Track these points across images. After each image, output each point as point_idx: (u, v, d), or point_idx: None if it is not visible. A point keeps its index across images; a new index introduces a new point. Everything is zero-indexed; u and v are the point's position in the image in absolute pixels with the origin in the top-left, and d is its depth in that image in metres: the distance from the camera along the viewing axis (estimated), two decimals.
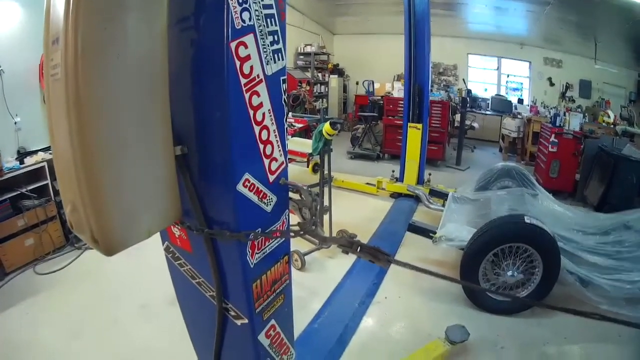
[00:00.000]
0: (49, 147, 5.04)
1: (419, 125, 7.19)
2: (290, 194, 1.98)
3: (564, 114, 9.11)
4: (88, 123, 1.20)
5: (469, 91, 11.88)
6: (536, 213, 4.85)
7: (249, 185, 1.63)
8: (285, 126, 1.80)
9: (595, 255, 4.78)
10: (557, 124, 8.73)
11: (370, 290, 4.59)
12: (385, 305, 4.40)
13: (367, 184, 7.42)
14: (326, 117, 7.41)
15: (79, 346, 3.47)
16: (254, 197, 1.66)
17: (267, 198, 1.73)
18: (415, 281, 4.81)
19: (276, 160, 1.76)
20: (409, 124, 7.26)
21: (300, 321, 3.88)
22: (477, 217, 5.14)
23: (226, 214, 1.62)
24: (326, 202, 5.09)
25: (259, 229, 1.70)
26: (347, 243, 1.76)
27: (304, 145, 6.26)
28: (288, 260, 1.98)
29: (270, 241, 1.79)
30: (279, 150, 1.77)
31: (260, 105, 1.62)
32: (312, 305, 4.19)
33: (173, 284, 2.02)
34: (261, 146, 1.67)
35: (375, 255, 1.75)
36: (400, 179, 7.41)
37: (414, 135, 7.23)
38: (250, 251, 1.68)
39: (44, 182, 5.10)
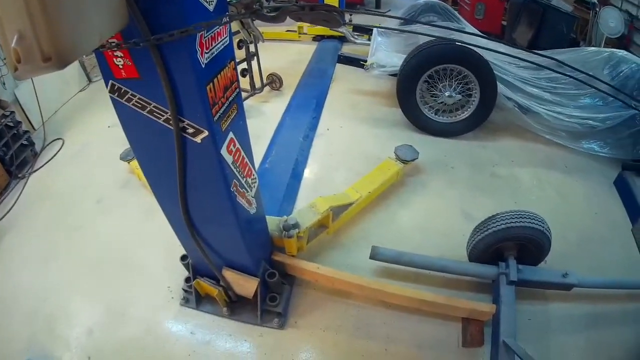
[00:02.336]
0: None
1: None
2: None
3: None
4: None
5: None
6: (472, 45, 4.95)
7: None
8: None
9: (531, 86, 5.00)
10: None
11: (311, 124, 4.61)
12: (329, 136, 4.46)
13: (287, 31, 7.24)
14: None
15: (57, 266, 3.30)
16: None
17: None
18: (354, 112, 4.87)
19: None
20: None
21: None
22: (406, 46, 5.14)
23: (171, 16, 1.46)
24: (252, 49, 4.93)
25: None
26: (298, 7, 1.67)
27: None
28: (235, 66, 1.87)
29: (217, 41, 1.69)
30: None
31: None
32: (258, 149, 4.14)
33: (124, 130, 1.77)
34: None
35: (328, 16, 1.69)
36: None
37: None
38: (200, 49, 1.56)
39: None
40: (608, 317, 3.25)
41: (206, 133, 1.72)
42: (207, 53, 1.61)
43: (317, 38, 7.17)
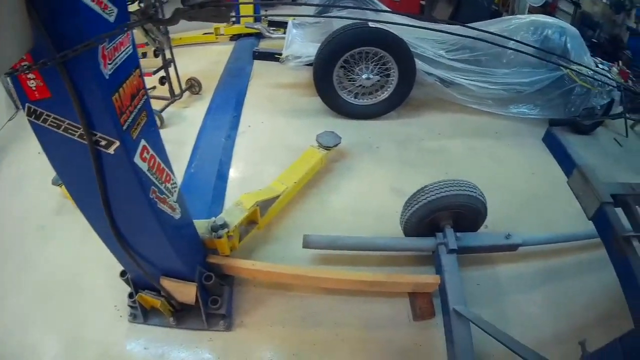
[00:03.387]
0: None
1: None
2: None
3: None
4: None
5: None
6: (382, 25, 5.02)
7: None
8: None
9: (453, 60, 5.11)
10: None
11: (232, 123, 4.65)
12: (251, 133, 4.51)
13: (204, 33, 7.20)
14: None
15: (10, 303, 3.16)
16: (96, 7, 1.54)
17: (109, 9, 1.61)
18: (274, 105, 4.94)
19: None
20: None
21: (177, 173, 3.86)
22: (322, 35, 5.18)
23: (74, 32, 1.50)
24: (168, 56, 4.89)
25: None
26: (188, 7, 1.73)
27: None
28: (140, 74, 1.91)
29: (119, 51, 1.74)
30: None
31: None
32: (182, 155, 4.18)
33: (45, 152, 1.83)
34: None
35: (217, 11, 1.76)
36: (238, 21, 7.27)
37: None
38: (103, 61, 1.61)
39: None
40: (562, 270, 3.40)
41: (117, 143, 1.76)
42: (110, 64, 1.65)
43: (234, 37, 7.19)
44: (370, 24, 4.41)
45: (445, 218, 3.14)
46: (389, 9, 6.31)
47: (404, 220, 3.18)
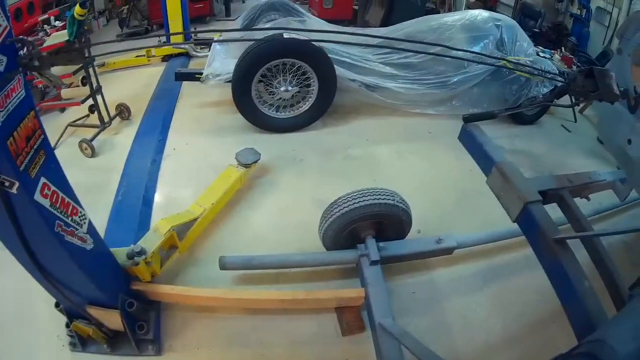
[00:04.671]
0: None
1: None
2: None
3: None
4: None
5: None
6: (306, 34, 5.03)
7: None
8: None
9: (380, 64, 5.16)
10: None
11: (158, 147, 4.69)
12: (176, 156, 4.55)
13: (137, 56, 7.19)
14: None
15: None
16: None
17: None
18: (199, 126, 5.00)
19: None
20: None
21: (108, 201, 3.91)
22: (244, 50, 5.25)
23: None
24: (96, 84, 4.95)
25: None
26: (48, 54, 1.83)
27: (63, 35, 5.92)
28: (35, 116, 1.99)
29: (11, 98, 1.82)
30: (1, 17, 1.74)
31: None
32: (113, 183, 4.18)
33: None
34: None
35: (71, 56, 1.89)
36: (168, 40, 7.19)
37: None
38: None
39: None
40: (506, 268, 3.42)
41: (17, 183, 1.87)
42: (2, 111, 1.76)
43: (166, 58, 7.28)
44: (285, 35, 4.50)
45: (366, 228, 3.14)
46: (317, 19, 6.35)
47: (321, 234, 3.19)
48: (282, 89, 4.64)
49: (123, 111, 5.26)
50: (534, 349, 2.84)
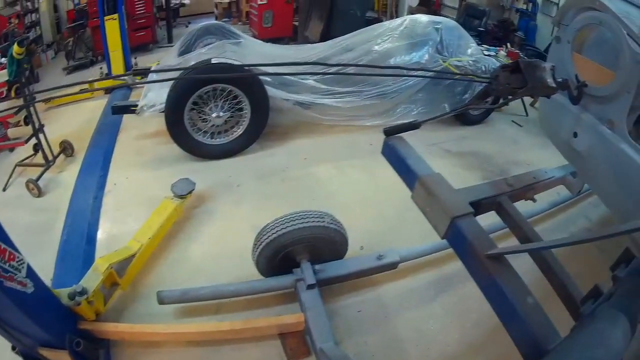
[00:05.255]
0: None
1: (115, 16, 7.19)
2: None
3: None
4: None
5: None
6: (240, 57, 5.13)
7: None
8: None
9: (314, 81, 5.22)
10: None
11: (99, 183, 4.71)
12: (117, 191, 4.57)
13: (81, 90, 7.16)
14: (15, 38, 6.98)
15: None
16: None
17: None
18: (139, 158, 5.03)
19: None
20: (105, 18, 7.20)
21: (55, 242, 3.90)
22: None
23: None
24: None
25: None
26: None
27: (3, 75, 5.91)
28: None
29: None
30: None
31: None
32: (59, 223, 4.16)
33: None
34: None
35: None
36: (110, 73, 7.42)
37: (112, 27, 7.24)
38: None
39: None
40: (458, 277, 3.34)
41: None
42: None
43: (109, 90, 7.22)
44: (214, 60, 4.59)
45: (300, 252, 3.14)
46: (255, 40, 6.42)
47: (255, 261, 3.21)
48: (214, 115, 4.73)
49: (67, 148, 5.27)
50: (495, 357, 2.83)
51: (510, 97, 2.62)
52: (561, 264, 2.31)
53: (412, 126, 3.03)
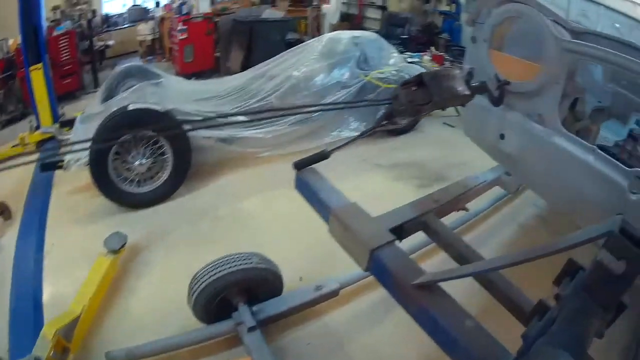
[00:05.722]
0: None
1: (39, 66, 7.09)
2: None
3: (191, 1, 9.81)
4: None
5: (92, 12, 12.00)
6: (161, 98, 5.24)
7: None
8: None
9: (239, 114, 5.34)
10: (184, 12, 9.48)
11: (38, 245, 4.65)
12: (56, 251, 4.51)
13: (13, 146, 7.11)
14: None
15: None
16: None
17: None
18: (72, 215, 4.99)
19: None
20: (30, 68, 7.09)
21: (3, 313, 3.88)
22: None
23: None
24: None
25: None
26: None
27: None
28: None
29: None
30: None
31: None
32: (5, 291, 4.09)
33: None
34: None
35: None
36: (38, 126, 7.25)
37: (37, 77, 7.12)
38: None
39: None
40: None
41: None
42: None
43: (40, 143, 7.05)
44: (130, 107, 4.62)
45: (235, 295, 3.15)
46: (177, 78, 6.52)
47: (192, 311, 3.23)
48: (137, 163, 4.74)
49: (4, 211, 5.15)
50: None
51: (416, 115, 2.49)
52: (502, 275, 2.33)
53: (322, 156, 3.00)
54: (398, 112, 2.36)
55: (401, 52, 9.82)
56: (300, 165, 3.03)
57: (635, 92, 3.37)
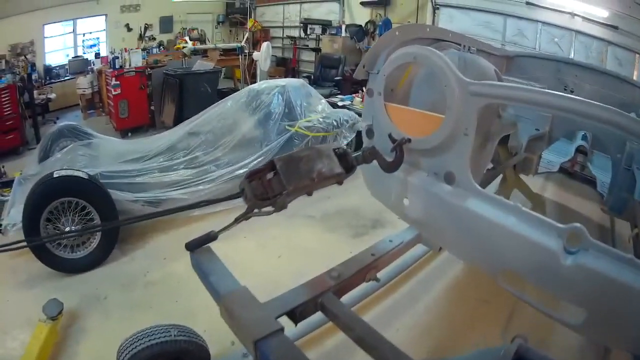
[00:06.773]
0: None
1: None
2: None
3: (124, 54, 9.77)
4: None
5: (32, 66, 12.05)
6: (90, 160, 5.47)
7: None
8: None
9: (160, 173, 5.55)
10: (117, 66, 9.43)
11: None
12: None
13: None
14: None
15: None
16: None
17: None
18: (13, 278, 4.94)
19: None
20: None
21: None
22: None
23: None
24: None
25: None
26: None
27: None
28: None
29: None
30: None
31: None
32: None
33: None
34: None
35: None
36: None
37: None
38: None
39: None
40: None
41: None
42: None
43: None
44: (55, 174, 4.69)
45: None
46: (108, 138, 6.93)
47: None
48: (67, 229, 4.77)
49: None
50: None
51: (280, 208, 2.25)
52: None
53: (210, 238, 2.95)
54: (253, 206, 2.21)
55: (335, 95, 10.17)
56: (191, 247, 2.98)
57: None
